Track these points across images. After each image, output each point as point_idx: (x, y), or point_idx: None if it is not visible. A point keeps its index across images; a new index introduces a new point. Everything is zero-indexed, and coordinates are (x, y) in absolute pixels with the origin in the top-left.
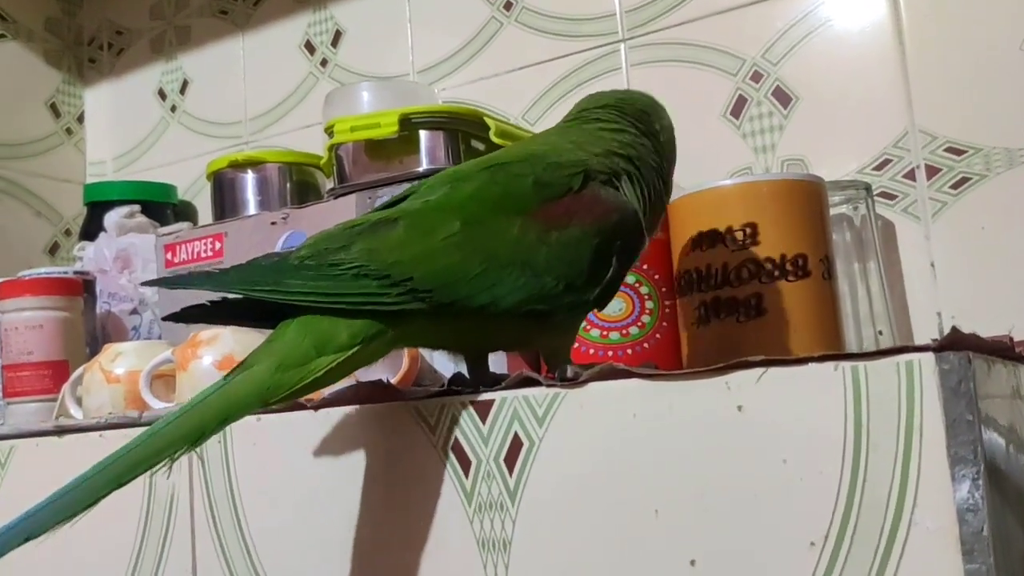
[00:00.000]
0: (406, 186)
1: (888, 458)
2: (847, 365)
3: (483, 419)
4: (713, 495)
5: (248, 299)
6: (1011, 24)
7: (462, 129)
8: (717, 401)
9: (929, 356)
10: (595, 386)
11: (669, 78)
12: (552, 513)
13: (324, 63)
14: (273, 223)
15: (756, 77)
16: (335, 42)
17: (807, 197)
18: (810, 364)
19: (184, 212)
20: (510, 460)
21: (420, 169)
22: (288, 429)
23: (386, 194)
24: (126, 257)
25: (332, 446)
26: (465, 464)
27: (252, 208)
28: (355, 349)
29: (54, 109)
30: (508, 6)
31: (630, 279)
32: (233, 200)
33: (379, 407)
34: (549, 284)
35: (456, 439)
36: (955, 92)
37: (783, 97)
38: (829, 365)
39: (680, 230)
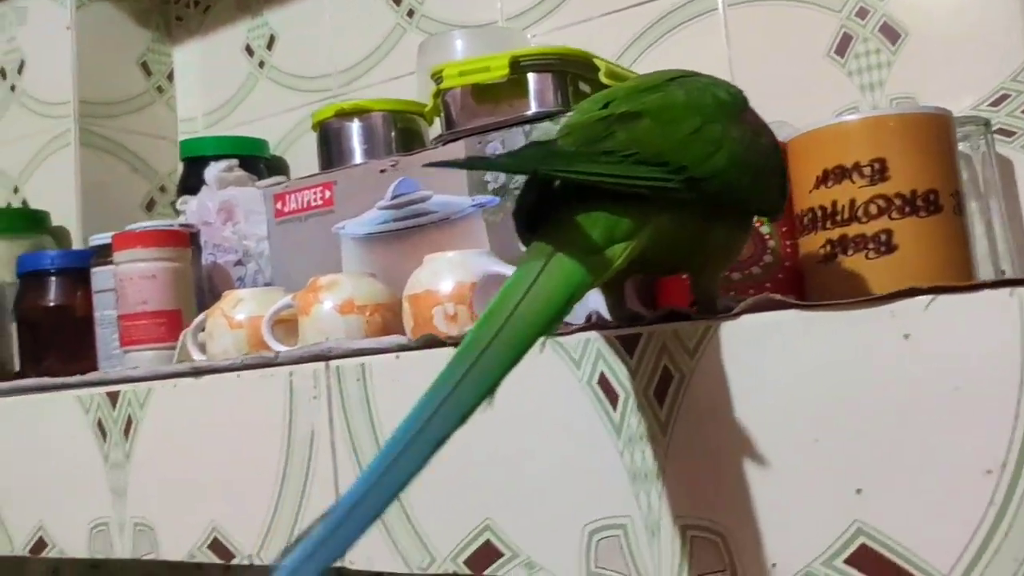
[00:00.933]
0: (516, 130)
1: None
2: (1023, 291)
3: (630, 353)
4: (878, 424)
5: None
6: None
7: (570, 71)
8: (881, 330)
9: None
10: (749, 318)
11: (770, 17)
12: (704, 444)
13: (411, 13)
14: (382, 171)
15: (862, 13)
16: None
17: (937, 131)
18: (983, 291)
19: (276, 166)
20: (659, 393)
21: (529, 113)
22: (429, 366)
23: (496, 139)
24: (229, 209)
25: None
26: (612, 397)
27: (358, 157)
28: (634, 240)
29: (145, 68)
30: None
31: None
32: (339, 149)
33: None
34: (766, 188)
35: (602, 373)
36: None
37: (891, 33)
38: (1003, 291)
39: (801, 168)
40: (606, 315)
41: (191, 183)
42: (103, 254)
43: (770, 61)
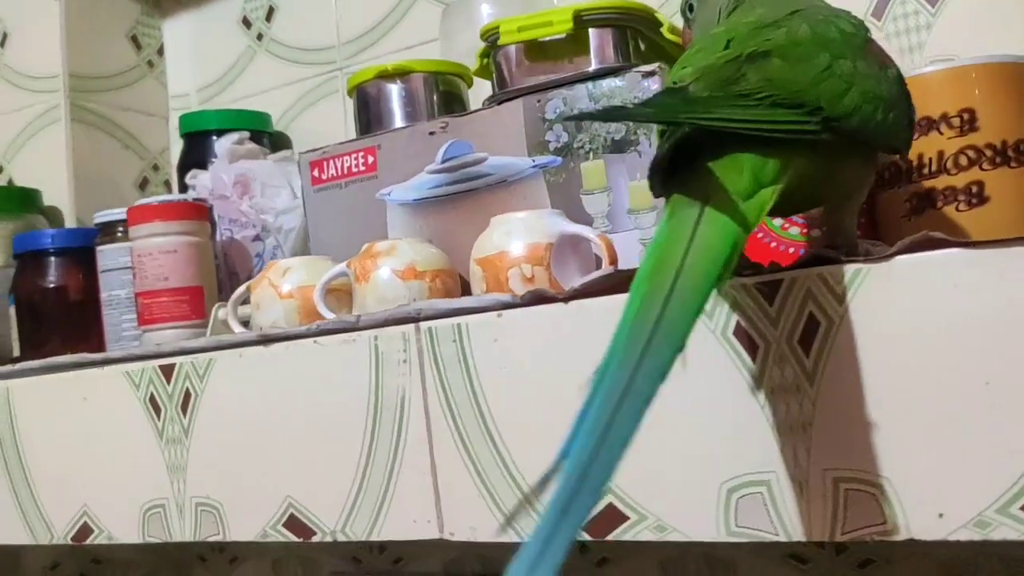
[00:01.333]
0: (579, 87)
1: None
2: None
3: (770, 301)
4: None
5: None
6: None
7: (631, 26)
8: None
9: None
10: (906, 258)
11: None
12: (856, 393)
13: None
14: (432, 133)
15: None
16: None
17: (1021, 80)
18: None
19: (279, 141)
20: (805, 341)
21: (590, 69)
22: (534, 323)
23: (556, 96)
24: (245, 182)
25: (589, 338)
26: (751, 347)
27: (399, 120)
28: (780, 184)
29: (135, 41)
30: None
31: None
32: (378, 113)
33: None
34: (897, 122)
35: (738, 322)
36: None
37: None
38: None
39: None
40: None
41: (192, 159)
42: (109, 231)
43: None
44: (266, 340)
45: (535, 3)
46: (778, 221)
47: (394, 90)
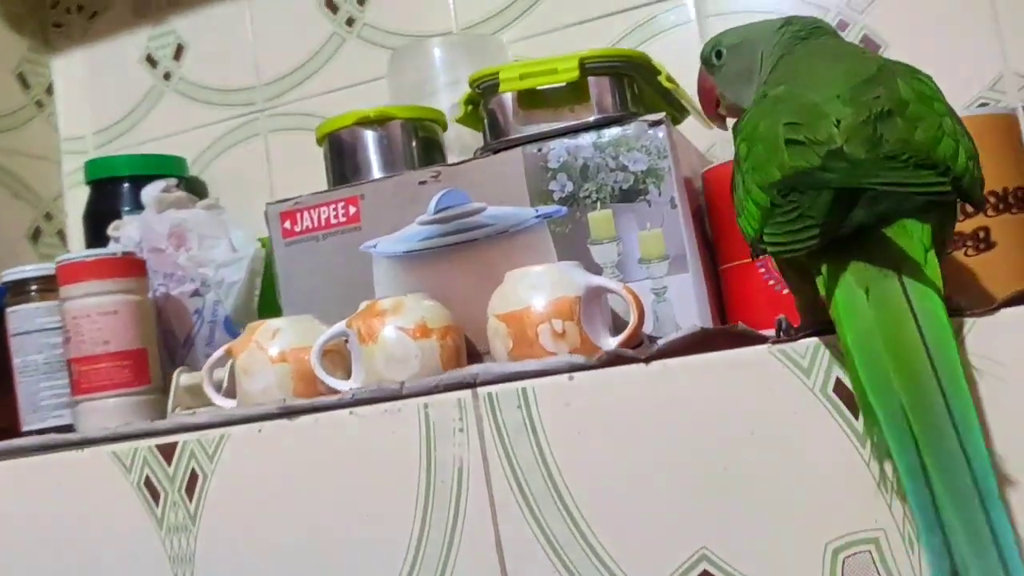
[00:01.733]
0: (583, 136)
1: None
2: None
3: None
4: None
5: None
6: None
7: (630, 74)
8: None
9: None
10: (1009, 311)
11: None
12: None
13: (351, 22)
14: (423, 182)
15: (842, 26)
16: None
17: (1012, 129)
18: None
19: (194, 187)
20: None
21: (593, 118)
22: (611, 386)
23: (557, 145)
24: (180, 233)
25: (673, 400)
26: (852, 404)
27: (378, 168)
28: (933, 247)
29: (22, 80)
30: None
31: None
32: (356, 161)
33: (729, 355)
34: (981, 175)
35: (837, 379)
36: None
37: (871, 45)
38: None
39: None
40: (801, 318)
41: (102, 207)
42: (20, 291)
43: None
44: (290, 413)
45: (489, 48)
46: None
47: (372, 137)
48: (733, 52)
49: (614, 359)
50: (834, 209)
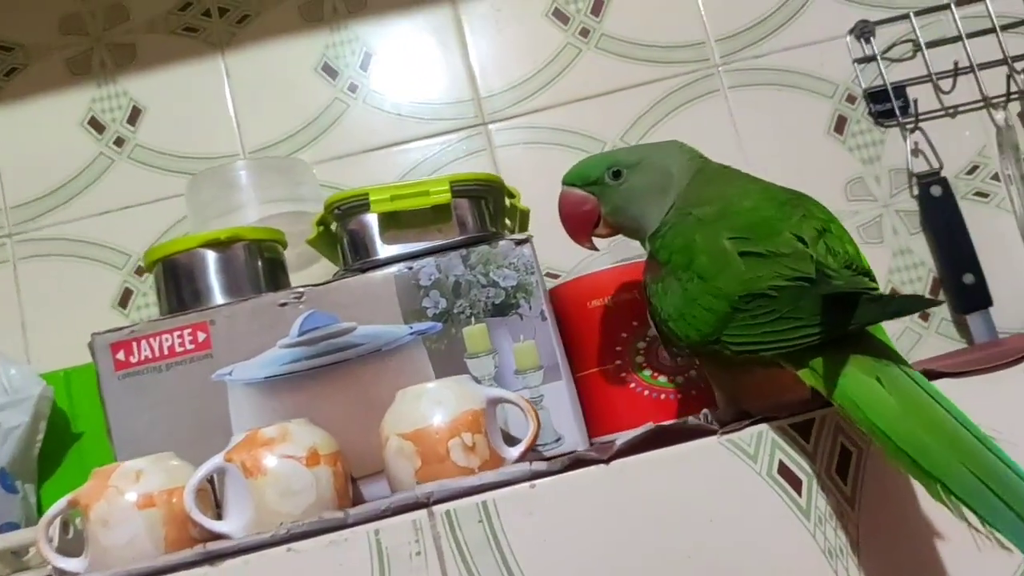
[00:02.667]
0: (452, 254)
1: None
2: None
3: (806, 438)
4: None
5: None
6: None
7: (488, 196)
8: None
9: None
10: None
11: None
12: (895, 511)
13: (119, 142)
14: (283, 304)
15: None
16: (132, 119)
17: None
18: None
19: None
20: (842, 470)
21: (460, 237)
22: (574, 489)
23: (427, 264)
24: None
25: (634, 496)
26: (795, 483)
27: (222, 291)
28: None
29: None
30: (354, 88)
31: None
32: (197, 286)
33: (683, 448)
34: None
35: (780, 462)
36: None
37: None
38: None
39: None
40: (716, 414)
41: None
42: None
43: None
44: (210, 558)
45: (296, 169)
46: (647, 371)
47: (216, 260)
48: (636, 171)
49: (576, 462)
50: (828, 311)
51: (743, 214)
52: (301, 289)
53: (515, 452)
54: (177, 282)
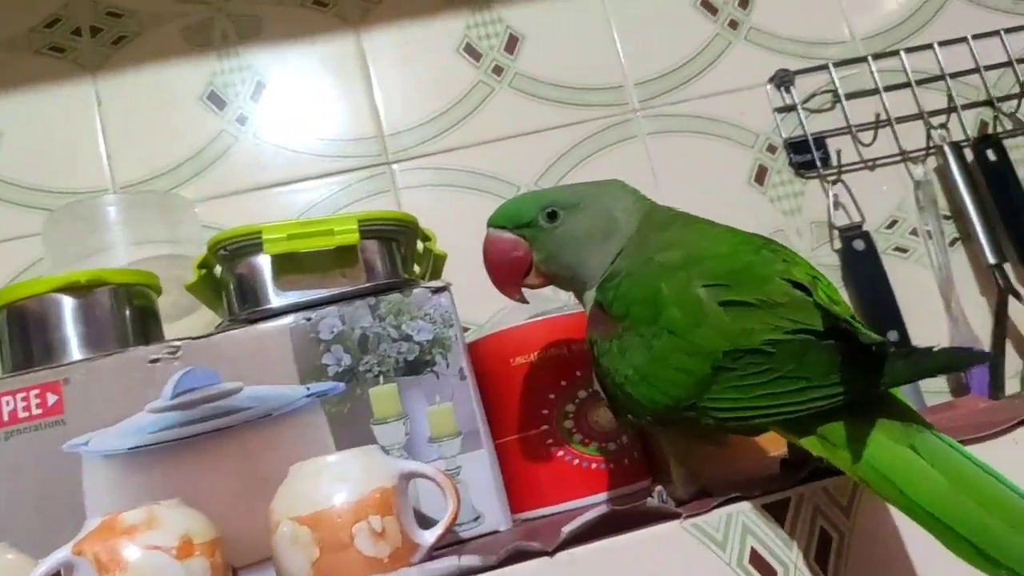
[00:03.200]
0: (358, 303)
1: None
2: None
3: (780, 521)
4: None
5: None
6: None
7: (400, 238)
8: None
9: None
10: None
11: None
12: None
13: None
14: (154, 360)
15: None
16: None
17: None
18: None
19: None
20: (821, 558)
21: (366, 285)
22: None
23: (329, 314)
24: None
25: None
26: (769, 573)
27: (80, 346)
28: None
29: None
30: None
31: None
32: (48, 338)
33: (641, 534)
34: None
35: (752, 549)
36: None
37: None
38: None
39: None
40: (672, 491)
41: None
42: None
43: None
44: None
45: (171, 205)
46: (578, 436)
47: (74, 307)
48: (574, 212)
49: (515, 555)
50: (846, 369)
51: (719, 259)
52: (177, 343)
53: (430, 537)
54: (25, 333)
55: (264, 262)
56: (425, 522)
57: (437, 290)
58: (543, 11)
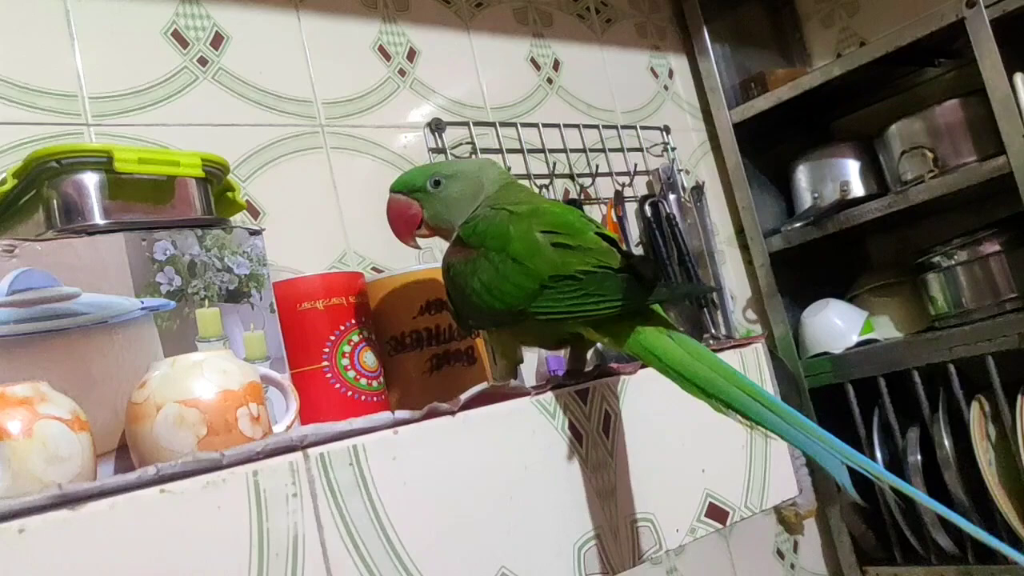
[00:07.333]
0: (188, 232)
1: None
2: None
3: (584, 402)
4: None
5: None
6: None
7: (214, 182)
8: None
9: None
10: (642, 372)
11: None
12: (634, 459)
13: None
14: None
15: None
16: None
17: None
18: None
19: None
20: (605, 429)
21: (194, 216)
22: (431, 436)
23: (162, 238)
24: None
25: (473, 445)
26: (579, 437)
27: None
28: None
29: None
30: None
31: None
32: None
33: (507, 405)
34: None
35: (569, 419)
36: None
37: (252, 211)
38: None
39: (399, 301)
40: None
41: None
42: None
43: None
44: (69, 501)
45: None
46: (352, 373)
47: None
48: (453, 180)
49: (431, 413)
50: (629, 291)
51: (553, 215)
52: (13, 242)
53: (281, 427)
54: None
55: (93, 182)
56: None
57: (253, 232)
58: (248, 18)
